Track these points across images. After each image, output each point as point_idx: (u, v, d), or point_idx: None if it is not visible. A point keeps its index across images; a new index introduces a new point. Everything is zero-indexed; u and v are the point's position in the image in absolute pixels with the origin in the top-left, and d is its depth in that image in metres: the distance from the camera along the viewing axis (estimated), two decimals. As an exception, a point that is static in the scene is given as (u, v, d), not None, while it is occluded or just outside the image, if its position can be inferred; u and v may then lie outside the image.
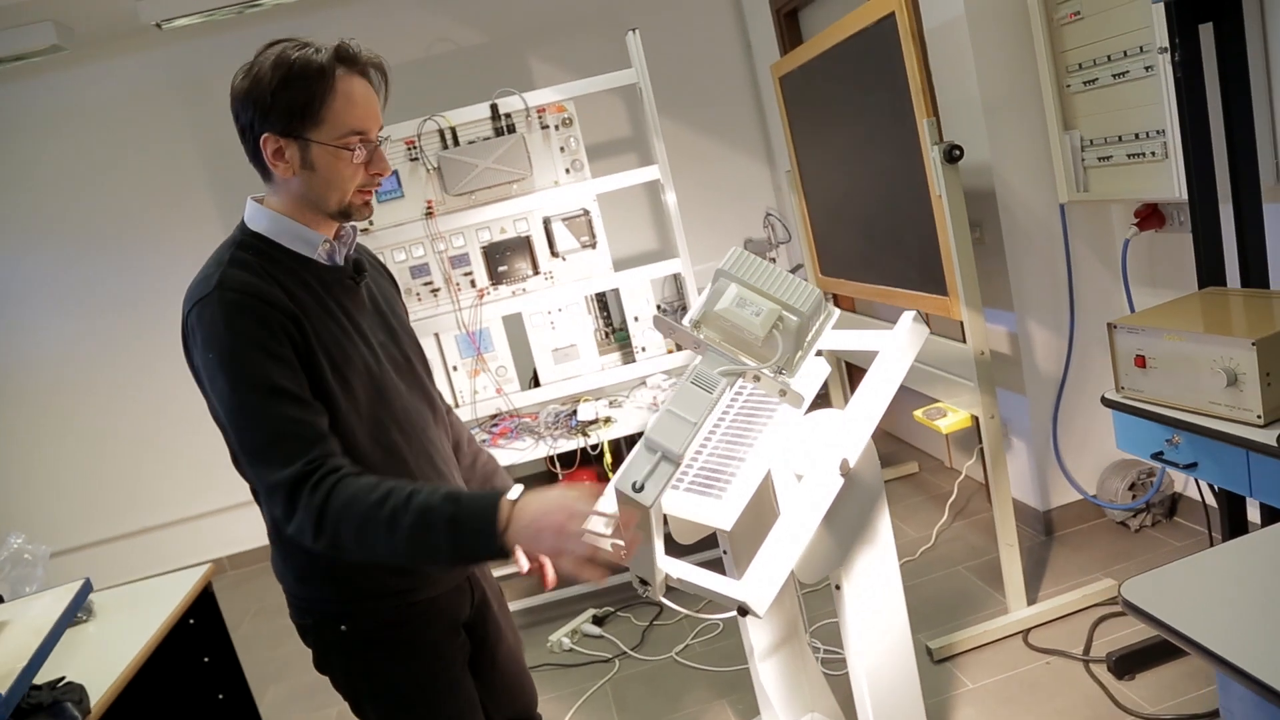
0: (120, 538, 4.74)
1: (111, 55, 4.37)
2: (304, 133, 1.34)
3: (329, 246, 1.44)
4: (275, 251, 1.40)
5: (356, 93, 1.36)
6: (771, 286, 1.30)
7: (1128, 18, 2.36)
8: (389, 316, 1.56)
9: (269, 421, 1.30)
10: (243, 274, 1.34)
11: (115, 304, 4.59)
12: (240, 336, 1.30)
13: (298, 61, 1.32)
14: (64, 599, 1.72)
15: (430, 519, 1.26)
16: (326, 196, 1.39)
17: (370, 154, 1.40)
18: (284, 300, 1.34)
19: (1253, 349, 1.72)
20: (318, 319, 1.38)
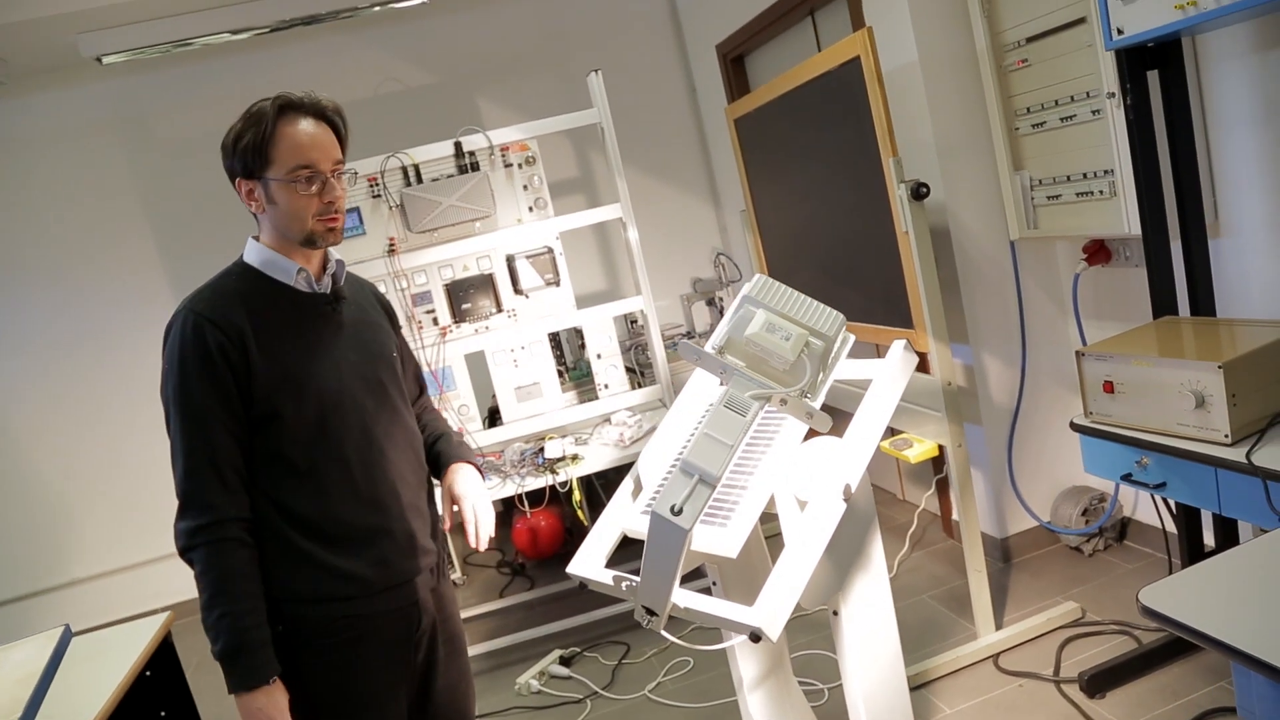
0: (63, 586, 4.50)
1: (49, 89, 4.24)
2: (261, 173, 1.57)
3: (305, 275, 1.63)
4: (256, 279, 1.62)
5: (299, 132, 1.57)
6: (797, 312, 1.33)
7: (1074, 65, 2.50)
8: (368, 342, 1.72)
9: (192, 451, 1.52)
10: (210, 296, 1.59)
11: (53, 345, 4.39)
12: (187, 364, 1.53)
13: (251, 113, 1.57)
14: (46, 647, 1.63)
15: (224, 633, 1.49)
16: (290, 226, 1.59)
17: (321, 184, 1.59)
18: (238, 321, 1.55)
19: (1219, 372, 1.82)
20: (276, 337, 1.58)
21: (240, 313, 1.56)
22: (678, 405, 2.04)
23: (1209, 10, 1.85)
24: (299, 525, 1.58)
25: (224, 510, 1.52)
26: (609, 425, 3.28)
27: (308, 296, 1.64)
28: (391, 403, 1.72)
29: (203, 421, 1.52)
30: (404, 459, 1.72)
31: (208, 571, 1.50)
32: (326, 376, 1.61)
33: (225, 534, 1.51)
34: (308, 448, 1.59)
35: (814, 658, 2.88)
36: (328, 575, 1.59)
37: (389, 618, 1.66)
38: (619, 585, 1.74)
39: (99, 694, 1.99)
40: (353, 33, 4.49)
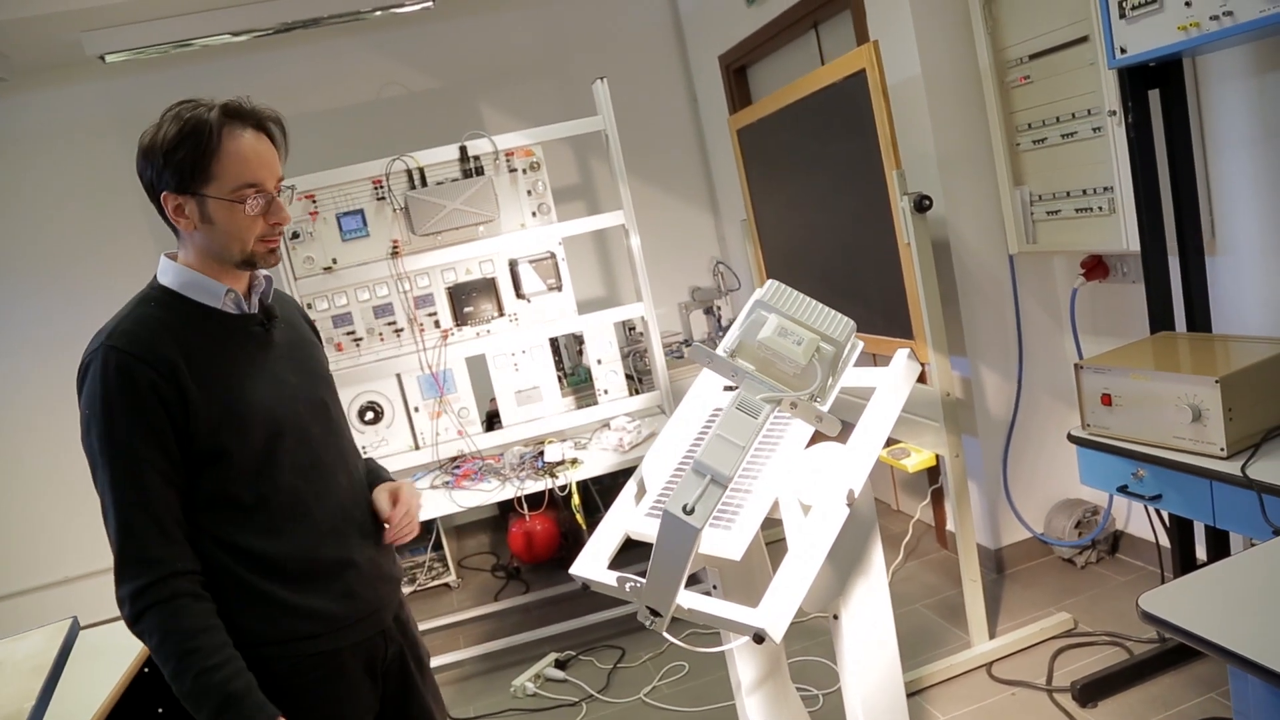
0: (68, 581, 4.48)
1: (51, 86, 4.25)
2: (198, 189, 1.40)
3: (233, 297, 1.49)
4: (179, 303, 1.46)
5: (246, 147, 1.42)
6: (809, 317, 1.35)
7: (1076, 83, 2.55)
8: (304, 360, 1.60)
9: (125, 504, 1.37)
10: (133, 328, 1.41)
11: (56, 342, 4.37)
12: (112, 407, 1.37)
13: (188, 121, 1.39)
14: (55, 639, 1.64)
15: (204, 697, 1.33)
16: (229, 247, 1.44)
17: (267, 204, 1.45)
18: (167, 354, 1.38)
19: (1216, 386, 1.86)
20: (211, 366, 1.42)
21: (169, 344, 1.40)
22: (680, 411, 2.06)
23: (1211, 32, 1.89)
24: (256, 566, 1.44)
25: (169, 564, 1.36)
26: (608, 430, 3.30)
27: (238, 319, 1.50)
28: (335, 425, 1.62)
29: (136, 471, 1.37)
30: (354, 484, 1.62)
31: (167, 638, 1.33)
32: (269, 404, 1.47)
33: (176, 590, 1.35)
34: (254, 482, 1.45)
35: (809, 664, 2.90)
36: (292, 615, 1.46)
37: (356, 651, 1.55)
38: (622, 586, 1.75)
39: (99, 690, 1.99)
40: (355, 36, 4.51)
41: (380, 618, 1.60)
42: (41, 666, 1.54)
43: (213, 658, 1.34)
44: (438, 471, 3.26)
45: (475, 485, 3.10)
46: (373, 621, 1.58)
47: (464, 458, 3.28)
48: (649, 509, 1.84)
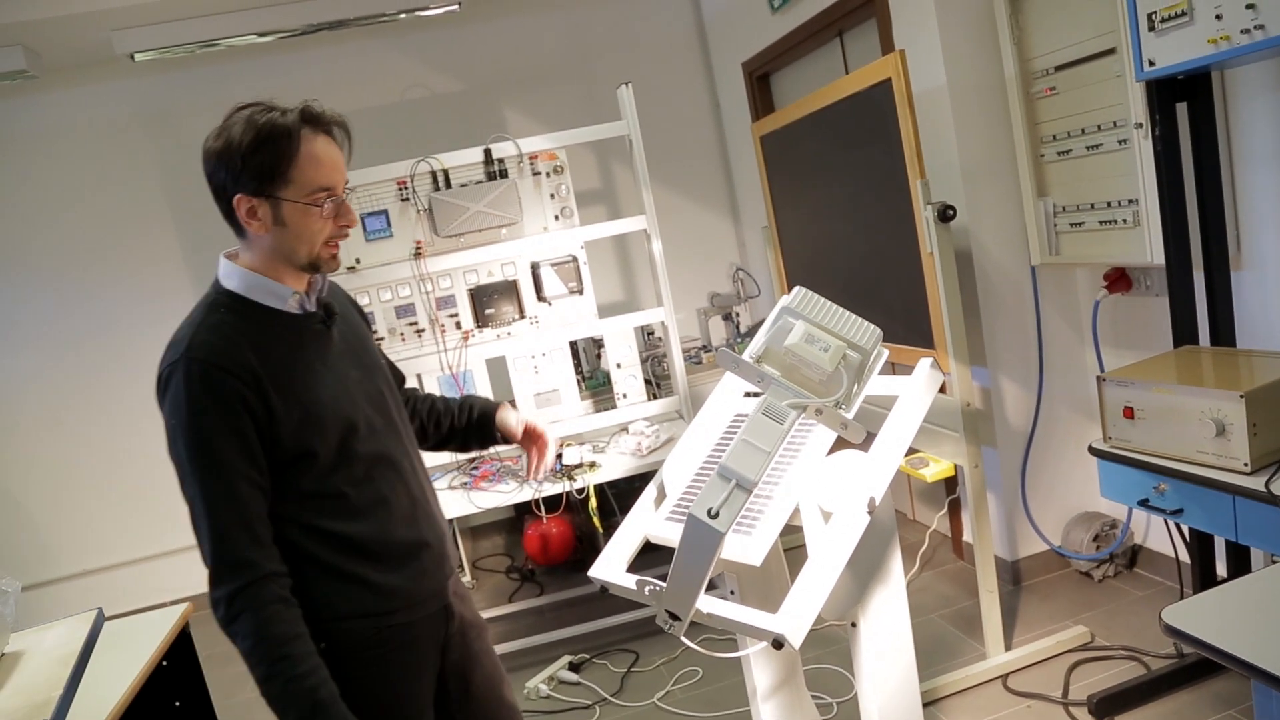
0: (87, 573, 4.55)
1: (80, 84, 4.30)
2: (275, 192, 1.44)
3: (298, 299, 1.53)
4: (247, 308, 1.49)
5: (321, 152, 1.47)
6: (836, 324, 1.36)
7: (1102, 95, 2.54)
8: (361, 354, 1.66)
9: (216, 511, 1.41)
10: (211, 338, 1.44)
11: (80, 336, 4.44)
12: (200, 416, 1.40)
13: (265, 125, 1.43)
14: (80, 629, 1.66)
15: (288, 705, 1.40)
16: (297, 250, 1.49)
17: (337, 207, 1.50)
18: (249, 363, 1.42)
19: (1241, 401, 1.85)
20: (286, 371, 1.47)
21: (247, 353, 1.44)
22: (700, 417, 2.07)
23: (1241, 45, 1.88)
24: (340, 547, 1.53)
25: (261, 568, 1.42)
26: (627, 435, 3.31)
27: (301, 319, 1.54)
28: (393, 415, 1.68)
29: (226, 479, 1.41)
30: (416, 469, 1.71)
31: (260, 643, 1.40)
32: (340, 403, 1.54)
33: (268, 595, 1.42)
34: (333, 476, 1.52)
35: (824, 672, 2.90)
36: (374, 592, 1.56)
37: (426, 624, 1.66)
38: (642, 590, 1.75)
39: (118, 683, 2.01)
40: (379, 38, 4.55)
41: (445, 593, 1.70)
42: (68, 656, 1.56)
43: (301, 665, 1.41)
44: (455, 472, 3.28)
45: (493, 486, 3.11)
46: (440, 596, 1.69)
47: (482, 459, 3.30)
48: (669, 513, 1.85)
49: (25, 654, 1.59)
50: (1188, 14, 2.00)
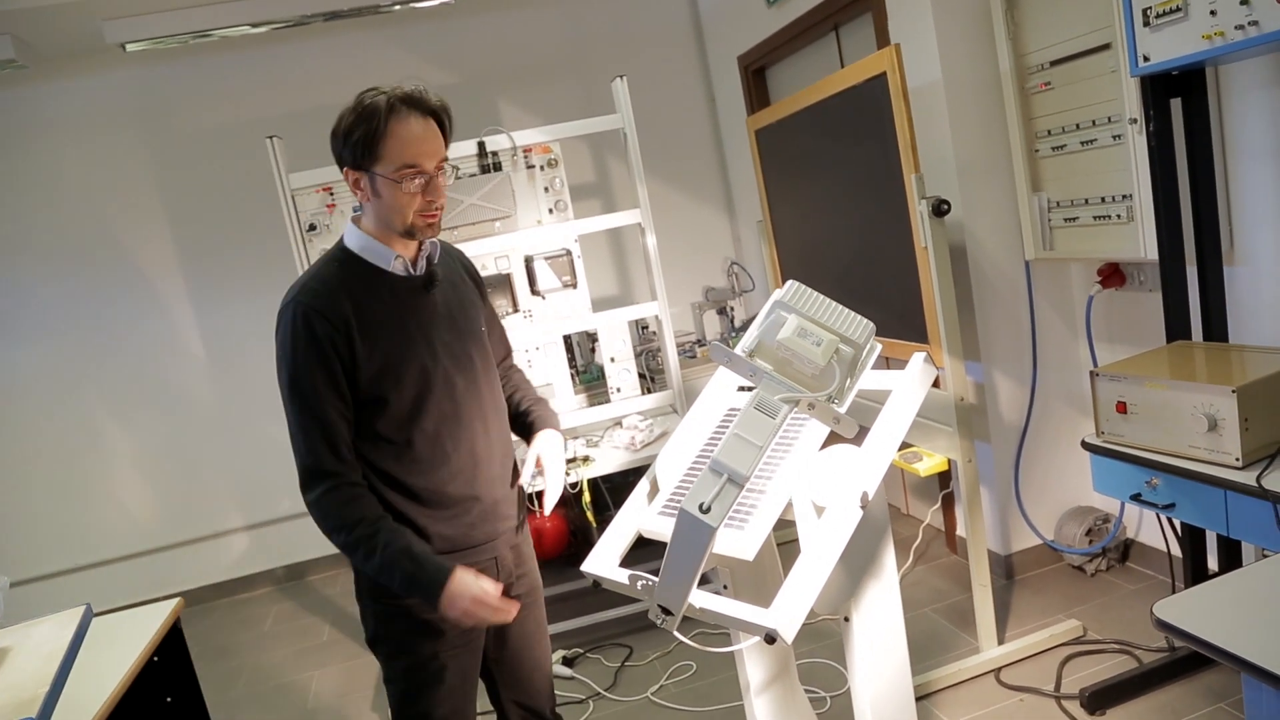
0: (78, 569, 4.54)
1: (71, 74, 4.28)
2: (369, 166, 1.61)
3: (401, 262, 1.70)
4: (356, 265, 1.68)
5: (410, 131, 1.60)
6: (829, 318, 1.36)
7: (1097, 90, 2.54)
8: (459, 320, 1.79)
9: (307, 423, 1.62)
10: (317, 286, 1.64)
11: (70, 329, 4.42)
12: (299, 350, 1.61)
13: (364, 106, 1.59)
14: (69, 625, 1.65)
15: (393, 573, 1.60)
16: (392, 220, 1.65)
17: (426, 184, 1.63)
18: (344, 312, 1.62)
19: (1233, 396, 1.85)
20: (377, 325, 1.66)
21: (345, 303, 1.63)
22: (694, 411, 2.07)
23: (1236, 41, 1.88)
24: (397, 489, 1.70)
25: (346, 475, 1.63)
26: (620, 429, 3.31)
27: (404, 280, 1.71)
28: (478, 379, 1.81)
29: (316, 404, 1.61)
30: (490, 431, 1.83)
31: (357, 525, 1.60)
32: (423, 360, 1.70)
33: (349, 493, 1.62)
34: (404, 427, 1.69)
35: (818, 665, 2.90)
36: (421, 532, 1.71)
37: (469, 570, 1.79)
38: (634, 584, 1.75)
39: (109, 678, 2.00)
40: (374, 30, 4.53)
41: (494, 547, 1.83)
42: (55, 652, 1.56)
43: (396, 534, 1.61)
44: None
45: (486, 480, 3.10)
46: (487, 550, 1.82)
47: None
48: (662, 507, 1.84)
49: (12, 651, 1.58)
50: (1182, 10, 2.00)
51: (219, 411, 4.59)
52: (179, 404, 4.54)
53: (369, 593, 1.78)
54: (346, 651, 3.73)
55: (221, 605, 4.59)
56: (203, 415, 4.58)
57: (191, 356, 4.54)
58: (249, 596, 4.65)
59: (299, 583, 4.70)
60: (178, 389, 4.54)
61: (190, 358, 4.54)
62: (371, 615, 1.80)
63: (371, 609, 1.79)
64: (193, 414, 4.56)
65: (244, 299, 4.51)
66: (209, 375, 4.57)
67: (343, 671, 3.53)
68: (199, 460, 4.59)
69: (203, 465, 4.59)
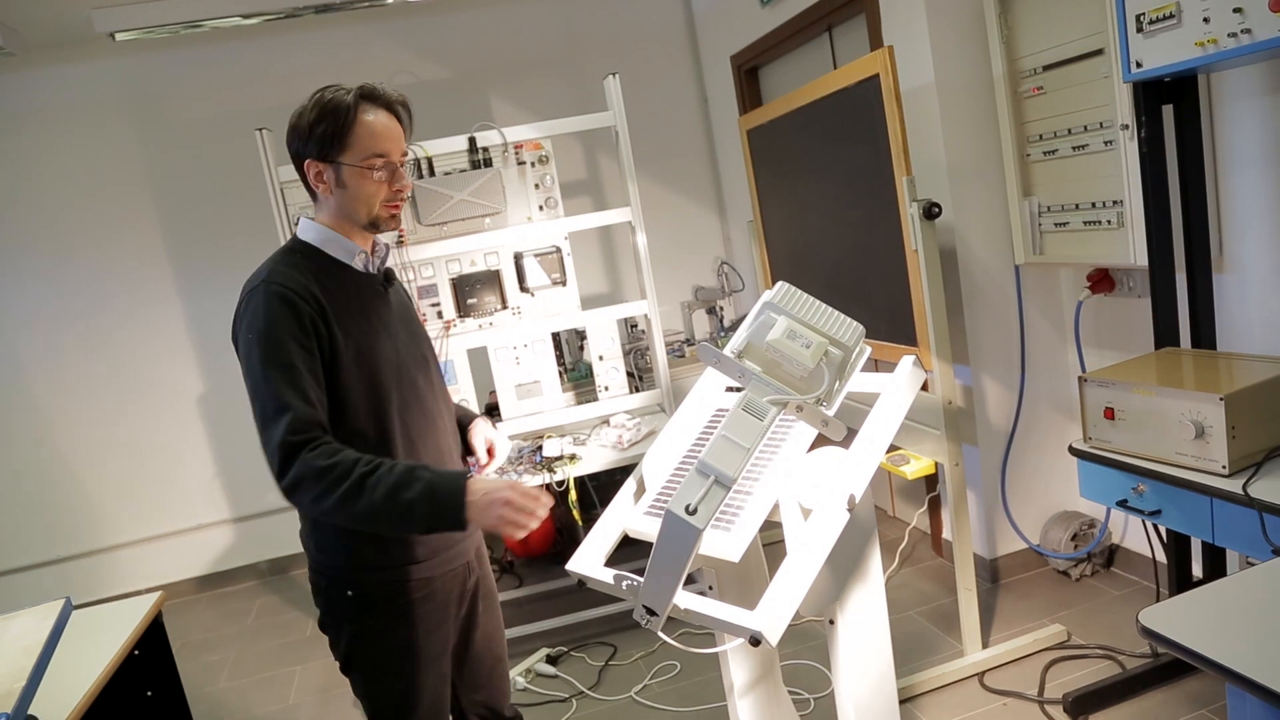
0: (58, 561, 4.49)
1: (59, 63, 4.23)
2: (335, 157, 1.62)
3: (364, 257, 1.71)
4: (319, 257, 1.67)
5: (376, 123, 1.63)
6: (818, 320, 1.35)
7: (1089, 95, 2.54)
8: (411, 321, 1.83)
9: (282, 396, 1.52)
10: (286, 271, 1.61)
11: (56, 319, 4.38)
12: (275, 323, 1.55)
13: (328, 101, 1.61)
14: (47, 619, 1.63)
15: (409, 483, 1.47)
16: (357, 210, 1.65)
17: (392, 173, 1.66)
18: (318, 295, 1.59)
19: (1221, 404, 1.85)
20: (346, 314, 1.63)
21: (316, 289, 1.60)
22: (682, 411, 2.06)
23: (1229, 49, 1.88)
24: None
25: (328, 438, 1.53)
26: (608, 427, 3.29)
27: (364, 277, 1.70)
28: (434, 380, 1.82)
29: (296, 377, 1.53)
30: (449, 429, 1.84)
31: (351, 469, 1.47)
32: (388, 354, 1.68)
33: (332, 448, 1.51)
34: (378, 417, 1.65)
35: (801, 668, 2.90)
36: (397, 543, 1.68)
37: (447, 579, 1.78)
38: (619, 584, 1.74)
39: (88, 672, 1.99)
40: (366, 23, 4.50)
41: (466, 549, 1.83)
42: (32, 647, 1.54)
43: (393, 465, 1.50)
44: (435, 462, 3.25)
45: (473, 477, 3.08)
46: (461, 553, 1.81)
47: (462, 449, 3.27)
48: (648, 507, 1.83)
49: (-10, 644, 1.57)
50: (1176, 16, 1.99)
51: (203, 404, 4.56)
52: (163, 395, 4.51)
53: (343, 614, 1.73)
54: (329, 648, 3.71)
55: (204, 599, 4.56)
56: (187, 407, 4.54)
57: (177, 348, 4.50)
58: (232, 590, 4.62)
59: (282, 577, 4.68)
60: (162, 380, 4.50)
61: (175, 349, 4.50)
62: (347, 636, 1.75)
63: (348, 631, 1.74)
64: (177, 406, 4.53)
65: (230, 292, 4.33)
66: (194, 367, 4.53)
67: (326, 667, 3.51)
68: (183, 452, 4.55)
69: (187, 457, 4.56)
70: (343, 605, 1.72)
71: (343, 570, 1.70)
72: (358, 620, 1.72)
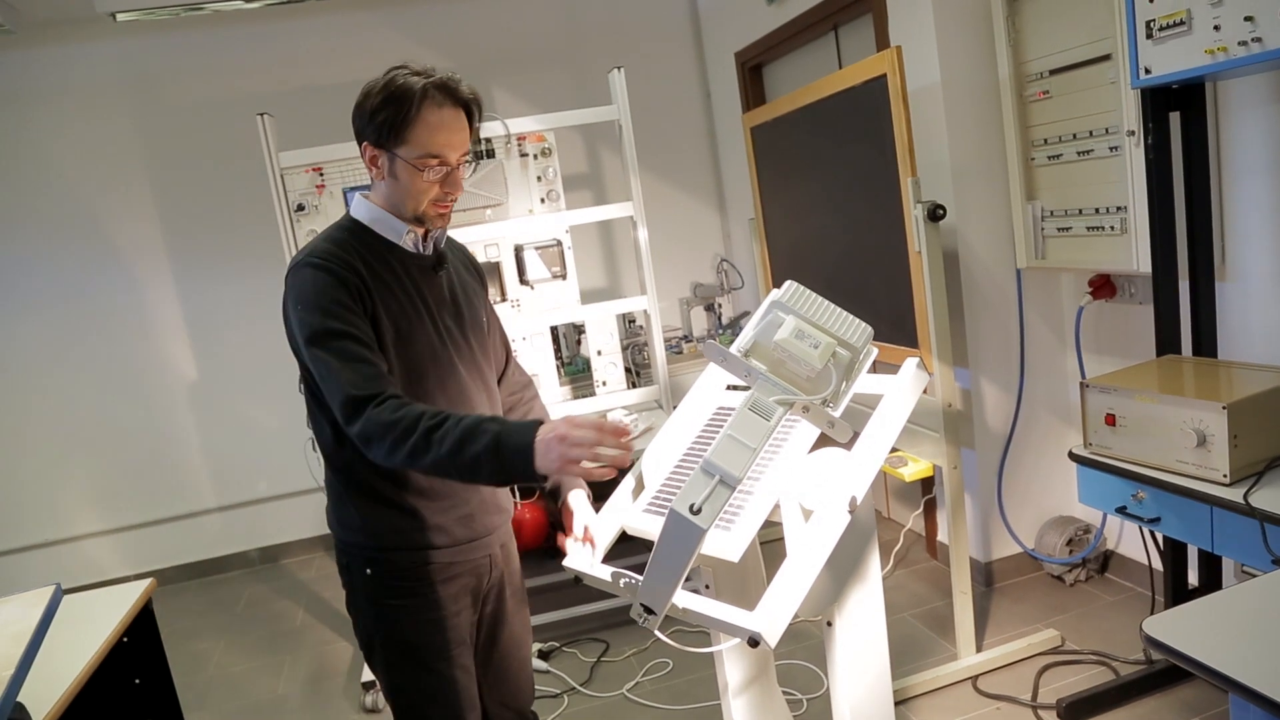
0: (47, 544, 4.47)
1: (59, 42, 4.20)
2: (391, 147, 1.57)
3: (413, 236, 1.66)
4: (368, 235, 1.64)
5: (438, 120, 1.56)
6: (827, 321, 1.34)
7: (1095, 101, 2.53)
8: (462, 306, 1.76)
9: (343, 354, 1.50)
10: (334, 248, 1.58)
11: (50, 301, 4.35)
12: (323, 292, 1.53)
13: (399, 86, 1.55)
14: (37, 605, 1.61)
15: (478, 434, 1.40)
16: (404, 203, 1.61)
17: (445, 175, 1.60)
18: (362, 271, 1.57)
19: (1223, 412, 1.85)
20: (390, 295, 1.60)
21: (360, 265, 1.58)
22: (682, 408, 2.04)
23: (1238, 57, 1.88)
24: (397, 477, 1.64)
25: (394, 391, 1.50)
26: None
27: (414, 257, 1.66)
28: (479, 369, 1.78)
29: (356, 339, 1.51)
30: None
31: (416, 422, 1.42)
32: (430, 338, 1.66)
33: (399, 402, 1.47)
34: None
35: (795, 668, 2.89)
36: (420, 526, 1.66)
37: (467, 567, 1.74)
38: (617, 582, 1.73)
39: (76, 659, 1.96)
40: (369, 10, 4.48)
41: (490, 543, 1.79)
42: (22, 633, 1.52)
43: (460, 418, 1.43)
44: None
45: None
46: (483, 545, 1.77)
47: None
48: (647, 505, 1.82)
49: (-23, 630, 1.55)
50: (1186, 24, 1.99)
51: (198, 390, 4.53)
52: (157, 381, 4.48)
53: (363, 593, 1.71)
54: (320, 636, 3.69)
55: (193, 586, 4.54)
56: (181, 393, 4.52)
57: (172, 334, 4.48)
58: (222, 578, 4.60)
59: (273, 566, 4.66)
60: (157, 366, 4.47)
61: (170, 335, 4.48)
62: (367, 619, 1.74)
63: (367, 613, 1.73)
64: (171, 391, 4.50)
65: (228, 278, 4.45)
66: (189, 353, 4.50)
67: (315, 656, 3.50)
68: (176, 438, 4.53)
69: (179, 443, 4.53)
70: (362, 583, 1.71)
71: (364, 548, 1.69)
72: (376, 601, 1.70)
